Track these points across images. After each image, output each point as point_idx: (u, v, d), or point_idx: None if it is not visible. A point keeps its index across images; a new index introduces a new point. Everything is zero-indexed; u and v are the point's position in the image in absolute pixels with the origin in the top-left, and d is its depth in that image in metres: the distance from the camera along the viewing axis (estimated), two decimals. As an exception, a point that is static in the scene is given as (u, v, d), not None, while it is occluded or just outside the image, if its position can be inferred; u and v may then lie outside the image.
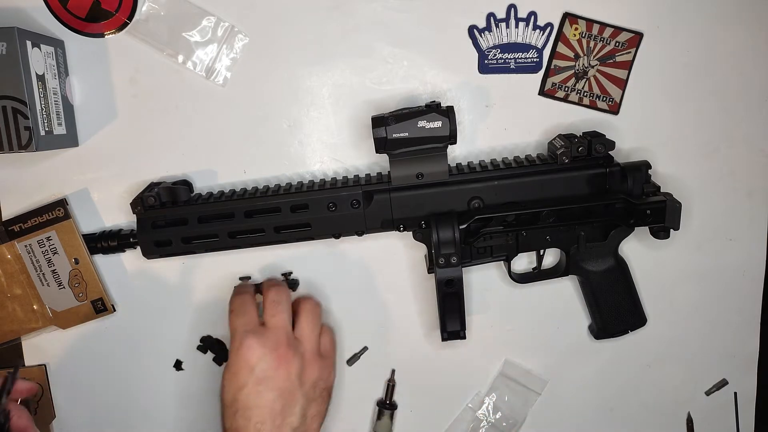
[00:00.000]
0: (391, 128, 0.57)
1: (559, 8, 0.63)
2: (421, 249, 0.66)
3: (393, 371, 0.69)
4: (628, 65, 0.64)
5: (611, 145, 0.60)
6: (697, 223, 0.68)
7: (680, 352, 0.72)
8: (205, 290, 0.67)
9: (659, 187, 0.62)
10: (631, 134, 0.66)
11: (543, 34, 0.63)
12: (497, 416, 0.71)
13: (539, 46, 0.63)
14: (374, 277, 0.67)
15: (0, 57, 0.52)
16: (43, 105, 0.56)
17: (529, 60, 0.64)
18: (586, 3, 0.63)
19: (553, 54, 0.64)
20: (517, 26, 0.63)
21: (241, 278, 0.63)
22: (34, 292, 0.64)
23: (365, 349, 0.69)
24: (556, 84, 0.64)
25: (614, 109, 0.65)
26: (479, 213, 0.60)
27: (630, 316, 0.66)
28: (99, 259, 0.65)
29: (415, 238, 0.62)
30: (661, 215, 0.60)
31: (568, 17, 0.63)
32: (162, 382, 0.69)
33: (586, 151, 0.60)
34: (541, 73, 0.64)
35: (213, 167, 0.65)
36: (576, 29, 0.63)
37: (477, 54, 0.63)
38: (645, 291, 0.69)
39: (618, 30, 0.63)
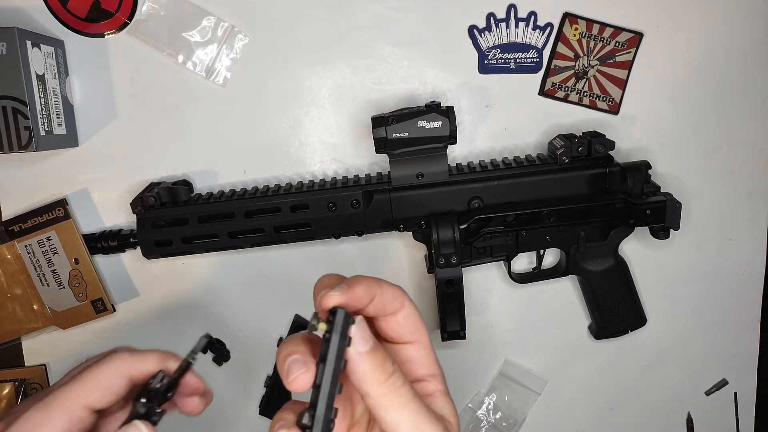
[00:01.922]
0: (391, 128, 0.57)
1: (559, 8, 0.63)
2: (421, 249, 0.66)
3: (393, 371, 0.69)
4: (628, 65, 0.64)
5: (611, 145, 0.60)
6: (697, 223, 0.68)
7: (680, 352, 0.72)
8: (205, 290, 0.67)
9: (659, 187, 0.62)
10: (631, 134, 0.66)
11: (543, 34, 0.63)
12: (497, 416, 0.71)
13: (539, 46, 0.63)
14: (374, 277, 0.67)
15: (0, 57, 0.52)
16: (43, 105, 0.56)
17: (529, 60, 0.64)
18: (586, 3, 0.63)
19: (553, 54, 0.64)
20: (517, 26, 0.63)
21: None
22: (34, 292, 0.64)
23: (365, 349, 0.69)
24: (556, 84, 0.64)
25: (614, 109, 0.65)
26: (479, 213, 0.60)
27: (630, 316, 0.66)
28: (99, 259, 0.65)
29: (415, 238, 0.62)
30: (661, 215, 0.60)
31: (568, 17, 0.63)
32: (162, 382, 0.69)
33: (586, 151, 0.60)
34: (541, 73, 0.64)
35: (213, 167, 0.65)
36: (576, 29, 0.63)
37: (477, 54, 0.63)
38: (645, 291, 0.69)
39: (618, 30, 0.63)
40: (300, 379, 0.29)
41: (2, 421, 0.33)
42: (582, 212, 0.60)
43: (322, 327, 0.30)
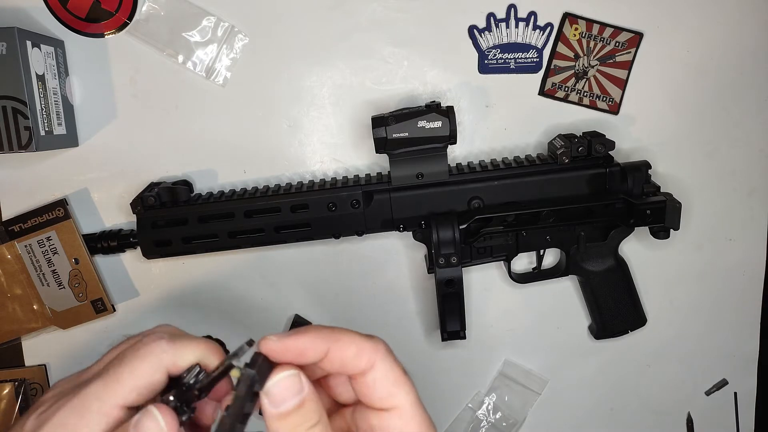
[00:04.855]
0: (391, 128, 0.57)
1: (559, 8, 0.63)
2: (421, 249, 0.66)
3: (393, 371, 0.69)
4: (628, 65, 0.64)
5: (611, 145, 0.60)
6: (697, 223, 0.68)
7: (680, 352, 0.72)
8: (205, 290, 0.67)
9: (659, 187, 0.62)
10: (631, 134, 0.66)
11: (543, 34, 0.63)
12: (497, 416, 0.71)
13: (539, 46, 0.63)
14: (374, 277, 0.67)
15: (0, 57, 0.52)
16: (43, 105, 0.56)
17: (529, 60, 0.64)
18: (586, 3, 0.63)
19: (553, 54, 0.64)
20: (517, 26, 0.63)
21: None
22: (34, 292, 0.64)
23: (365, 349, 0.69)
24: (556, 84, 0.64)
25: (614, 109, 0.65)
26: (479, 213, 0.60)
27: (630, 316, 0.66)
28: (99, 259, 0.65)
29: (415, 238, 0.62)
30: (661, 215, 0.60)
31: (568, 17, 0.63)
32: (162, 382, 0.69)
33: (586, 151, 0.60)
34: (541, 73, 0.64)
35: (213, 167, 0.65)
36: (576, 29, 0.63)
37: (477, 54, 0.63)
38: (645, 291, 0.69)
39: (618, 30, 0.63)
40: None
41: (33, 418, 0.30)
42: (582, 212, 0.60)
43: (234, 374, 0.27)
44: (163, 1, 0.61)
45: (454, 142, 0.58)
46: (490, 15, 0.62)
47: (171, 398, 0.29)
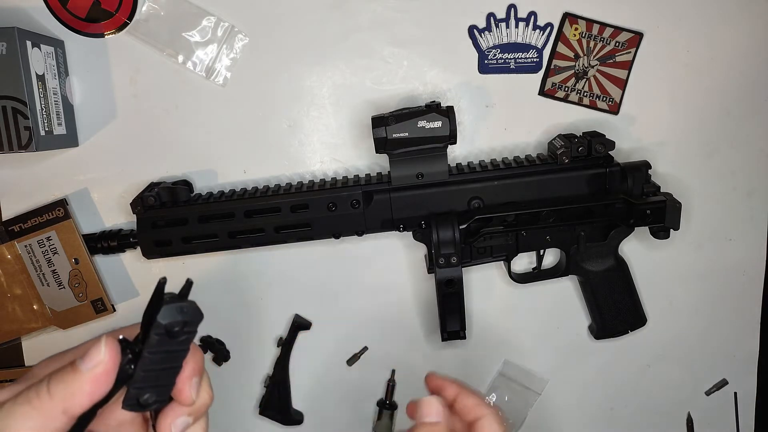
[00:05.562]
0: (391, 128, 0.57)
1: (559, 8, 0.63)
2: (421, 249, 0.66)
3: (393, 371, 0.69)
4: (628, 65, 0.64)
5: (611, 145, 0.60)
6: (697, 223, 0.68)
7: (680, 352, 0.72)
8: (205, 290, 0.67)
9: (659, 187, 0.62)
10: (631, 134, 0.66)
11: (543, 34, 0.63)
12: (497, 416, 0.71)
13: (539, 46, 0.63)
14: (374, 278, 0.67)
15: (0, 57, 0.52)
16: (43, 105, 0.56)
17: (529, 60, 0.64)
18: (586, 3, 0.63)
19: (553, 54, 0.64)
20: (517, 26, 0.63)
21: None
22: (34, 292, 0.64)
23: (365, 349, 0.69)
24: (556, 84, 0.64)
25: (614, 109, 0.65)
26: (479, 213, 0.60)
27: (630, 316, 0.66)
28: (99, 259, 0.65)
29: (415, 238, 0.62)
30: (661, 215, 0.60)
31: (568, 17, 0.63)
32: (162, 382, 0.68)
33: (586, 151, 0.60)
34: (541, 73, 0.64)
35: (213, 167, 0.65)
36: (576, 29, 0.63)
37: (477, 54, 0.63)
38: (645, 291, 0.69)
39: (618, 30, 0.63)
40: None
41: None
42: (582, 212, 0.60)
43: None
44: (163, 1, 0.61)
45: (454, 142, 0.58)
46: (490, 15, 0.62)
47: (121, 336, 0.32)
